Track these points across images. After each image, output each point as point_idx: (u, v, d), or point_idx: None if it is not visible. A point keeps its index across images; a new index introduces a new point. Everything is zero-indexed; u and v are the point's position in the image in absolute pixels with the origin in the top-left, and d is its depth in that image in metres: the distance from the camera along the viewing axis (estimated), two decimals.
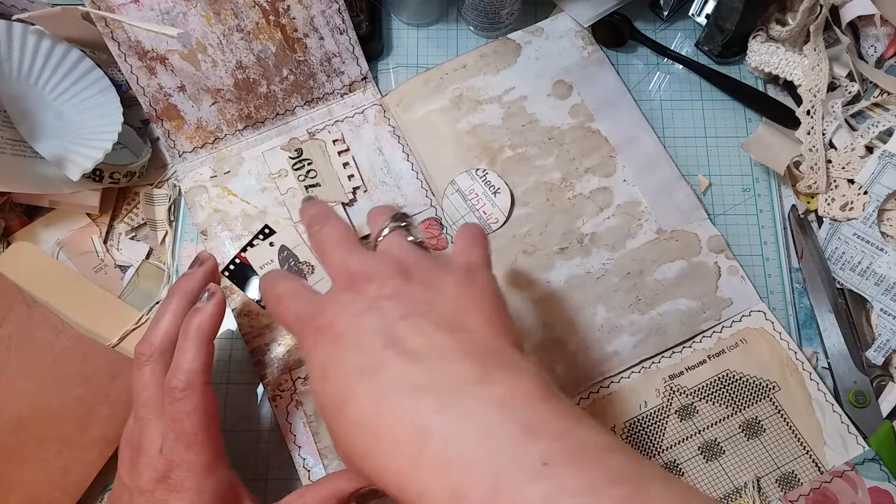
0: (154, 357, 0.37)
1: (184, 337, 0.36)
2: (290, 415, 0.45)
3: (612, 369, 0.46)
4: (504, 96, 0.52)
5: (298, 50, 0.51)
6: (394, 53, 0.55)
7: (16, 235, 0.49)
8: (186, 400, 0.34)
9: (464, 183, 0.49)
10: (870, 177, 0.47)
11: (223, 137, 0.51)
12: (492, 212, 0.49)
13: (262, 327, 0.47)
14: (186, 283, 0.39)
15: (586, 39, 0.54)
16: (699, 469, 0.44)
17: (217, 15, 0.48)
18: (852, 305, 0.47)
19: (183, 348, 0.36)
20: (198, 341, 0.36)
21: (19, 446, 0.42)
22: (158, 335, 0.37)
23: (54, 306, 0.46)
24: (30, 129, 0.46)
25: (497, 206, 0.49)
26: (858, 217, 0.47)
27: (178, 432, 0.34)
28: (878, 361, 0.46)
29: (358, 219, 0.49)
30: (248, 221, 0.49)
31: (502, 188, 0.49)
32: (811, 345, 0.47)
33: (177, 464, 0.34)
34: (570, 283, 0.48)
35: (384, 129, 0.52)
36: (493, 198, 0.48)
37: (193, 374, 0.35)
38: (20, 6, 0.49)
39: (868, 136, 0.49)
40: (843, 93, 0.50)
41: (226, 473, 0.36)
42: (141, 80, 0.49)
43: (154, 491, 0.34)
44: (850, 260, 0.47)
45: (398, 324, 0.29)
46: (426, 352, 0.28)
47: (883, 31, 0.51)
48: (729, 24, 0.50)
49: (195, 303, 0.38)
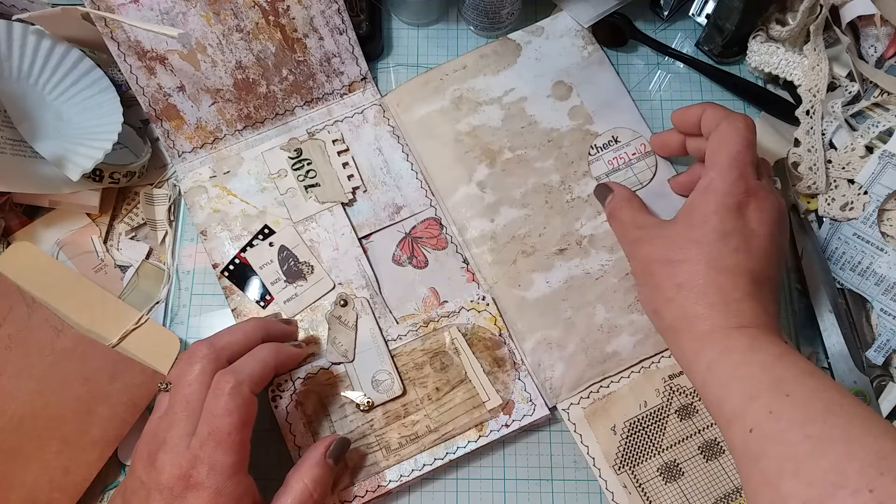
0: (210, 358, 0.38)
1: (260, 350, 0.40)
2: (289, 415, 0.45)
3: (612, 369, 0.46)
4: (504, 97, 0.52)
5: (298, 50, 0.51)
6: (394, 53, 0.55)
7: (16, 235, 0.49)
8: (232, 398, 0.36)
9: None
10: (870, 177, 0.47)
11: (223, 137, 0.51)
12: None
13: None
14: (273, 324, 0.43)
15: (587, 39, 0.54)
16: (699, 469, 0.44)
17: (217, 15, 0.48)
18: (852, 305, 0.47)
19: (254, 357, 0.39)
20: (270, 360, 0.39)
21: (19, 446, 0.42)
22: (223, 343, 0.39)
23: (54, 306, 0.46)
24: (30, 129, 0.47)
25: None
26: (858, 217, 0.47)
27: (213, 427, 0.35)
28: (878, 361, 0.46)
29: (357, 219, 0.49)
30: (247, 221, 0.49)
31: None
32: (811, 345, 0.47)
33: (202, 461, 0.35)
34: (570, 284, 0.48)
35: (384, 129, 0.52)
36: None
37: (248, 380, 0.37)
38: (20, 6, 0.49)
39: (868, 136, 0.49)
40: (843, 93, 0.50)
41: (245, 480, 0.37)
42: (140, 80, 0.49)
43: (173, 488, 0.35)
44: (850, 260, 0.47)
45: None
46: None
47: (883, 31, 0.50)
48: (729, 24, 0.50)
49: (268, 341, 0.42)
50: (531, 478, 0.45)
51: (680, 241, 0.40)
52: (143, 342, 0.46)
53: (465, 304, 0.47)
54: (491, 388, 0.45)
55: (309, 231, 0.49)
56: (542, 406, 0.45)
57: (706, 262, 0.39)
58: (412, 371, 0.46)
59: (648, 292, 0.42)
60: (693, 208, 0.41)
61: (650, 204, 0.47)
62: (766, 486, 0.32)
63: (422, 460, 0.44)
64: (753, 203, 0.40)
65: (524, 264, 0.48)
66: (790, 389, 0.33)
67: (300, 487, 0.38)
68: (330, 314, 0.47)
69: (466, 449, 0.44)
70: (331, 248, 0.49)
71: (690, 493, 0.43)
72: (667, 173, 0.50)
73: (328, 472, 0.40)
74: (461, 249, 0.49)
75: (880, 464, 0.29)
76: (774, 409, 0.33)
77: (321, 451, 0.40)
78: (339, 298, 0.47)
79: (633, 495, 0.43)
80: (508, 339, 0.47)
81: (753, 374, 0.35)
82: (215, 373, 0.37)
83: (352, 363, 0.46)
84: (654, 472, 0.44)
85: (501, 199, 0.50)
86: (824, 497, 0.29)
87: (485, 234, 0.49)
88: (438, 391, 0.45)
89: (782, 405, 0.33)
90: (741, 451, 0.34)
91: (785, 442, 0.32)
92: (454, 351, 0.46)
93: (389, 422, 0.45)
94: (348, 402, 0.45)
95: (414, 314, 0.47)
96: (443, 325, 0.47)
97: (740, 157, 0.40)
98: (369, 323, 0.47)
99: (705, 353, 0.37)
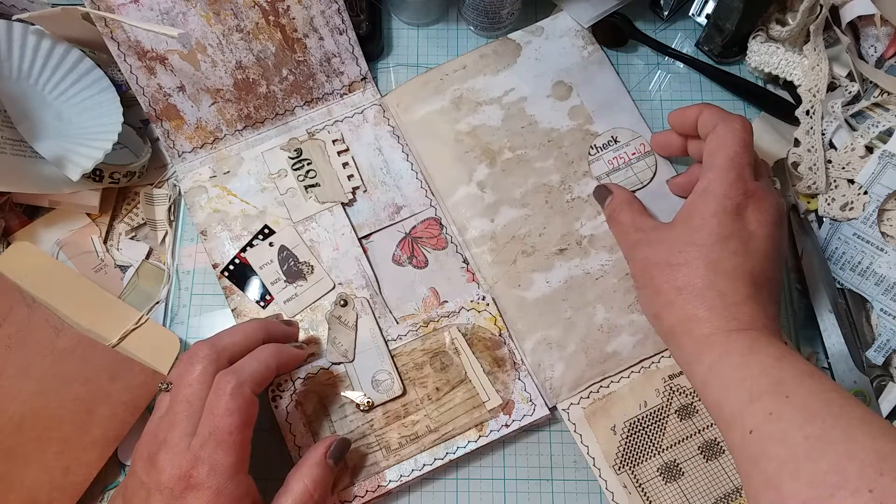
0: (211, 359, 0.38)
1: (262, 350, 0.40)
2: (290, 415, 0.45)
3: (612, 369, 0.46)
4: (504, 97, 0.52)
5: (298, 50, 0.51)
6: (394, 53, 0.55)
7: (16, 235, 0.49)
8: (233, 398, 0.36)
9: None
10: (870, 177, 0.47)
11: (223, 137, 0.51)
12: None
13: None
14: (274, 325, 0.43)
15: (586, 39, 0.54)
16: (699, 469, 0.44)
17: (217, 15, 0.48)
18: (852, 305, 0.47)
19: (256, 357, 0.39)
20: (271, 361, 0.39)
21: (19, 446, 0.42)
22: (224, 343, 0.39)
23: (54, 306, 0.46)
24: (30, 129, 0.47)
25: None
26: (858, 217, 0.47)
27: (214, 427, 0.35)
28: (878, 361, 0.46)
29: (357, 219, 0.49)
30: (247, 221, 0.49)
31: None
32: (811, 345, 0.47)
33: (203, 461, 0.35)
34: (570, 284, 0.48)
35: (384, 129, 0.52)
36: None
37: (250, 380, 0.37)
38: (20, 6, 0.49)
39: (868, 136, 0.49)
40: (843, 93, 0.50)
41: (245, 480, 0.37)
42: (140, 80, 0.49)
43: (174, 488, 0.35)
44: (850, 260, 0.47)
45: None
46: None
47: (883, 31, 0.50)
48: (729, 24, 0.50)
49: (270, 341, 0.42)
50: (531, 478, 0.45)
51: (679, 243, 0.40)
52: (143, 342, 0.47)
53: (465, 304, 0.47)
54: (491, 388, 0.45)
55: (309, 231, 0.49)
56: (542, 406, 0.45)
57: (705, 265, 0.39)
58: (412, 371, 0.46)
59: (648, 296, 0.42)
60: (691, 211, 0.41)
61: (650, 204, 0.47)
62: (767, 487, 0.32)
63: (422, 460, 0.44)
64: (752, 205, 0.40)
65: (524, 264, 0.48)
66: (790, 391, 0.34)
67: (300, 488, 0.38)
68: (330, 314, 0.47)
69: (466, 449, 0.44)
70: (331, 248, 0.49)
71: (690, 493, 0.43)
72: (667, 173, 0.50)
73: (328, 472, 0.40)
74: (461, 249, 0.49)
75: (880, 464, 0.29)
76: (774, 410, 0.33)
77: (321, 451, 0.40)
78: (339, 298, 0.47)
79: (633, 495, 0.43)
80: (508, 339, 0.47)
81: (753, 377, 0.35)
82: (216, 373, 0.37)
83: (352, 363, 0.46)
84: (654, 472, 0.44)
85: (501, 199, 0.50)
86: (824, 497, 0.29)
87: (485, 234, 0.49)
88: (438, 391, 0.45)
89: (782, 407, 0.33)
90: (741, 453, 0.34)
91: (785, 443, 0.32)
92: (454, 351, 0.46)
93: (389, 422, 0.45)
94: (348, 402, 0.45)
95: (414, 314, 0.47)
96: (443, 325, 0.47)
97: (738, 158, 0.40)
98: (369, 323, 0.47)
99: (705, 356, 0.37)
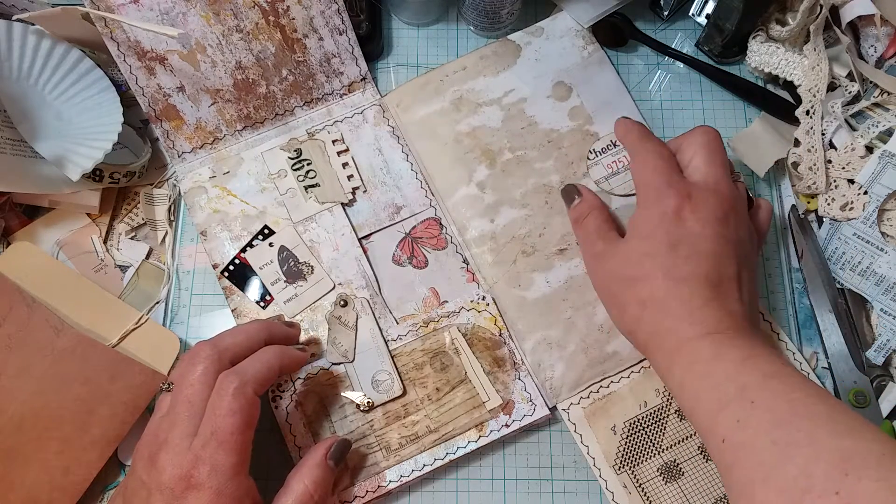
0: (212, 359, 0.38)
1: (265, 352, 0.40)
2: (290, 415, 0.45)
3: (612, 369, 0.46)
4: (504, 98, 0.52)
5: (298, 50, 0.51)
6: (394, 53, 0.55)
7: (16, 235, 0.49)
8: (236, 399, 0.36)
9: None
10: (870, 177, 0.47)
11: (222, 138, 0.51)
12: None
13: None
14: (276, 327, 0.43)
15: (587, 39, 0.54)
16: (699, 469, 0.44)
17: (216, 15, 0.48)
18: (852, 305, 0.47)
19: (259, 359, 0.39)
20: (274, 363, 0.39)
21: (19, 446, 0.42)
22: (226, 344, 0.39)
23: (54, 306, 0.46)
24: (30, 129, 0.47)
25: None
26: (858, 217, 0.47)
27: (215, 427, 0.35)
28: (878, 361, 0.46)
29: (357, 219, 0.49)
30: (247, 222, 0.49)
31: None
32: (811, 345, 0.47)
33: (203, 461, 0.35)
34: (570, 284, 0.48)
35: (383, 129, 0.52)
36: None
37: (252, 381, 0.37)
38: (20, 6, 0.49)
39: (868, 136, 0.49)
40: (843, 93, 0.50)
41: (245, 481, 0.37)
42: (140, 80, 0.49)
43: (174, 488, 0.35)
44: (850, 260, 0.47)
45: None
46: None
47: (883, 31, 0.50)
48: (729, 24, 0.50)
49: (271, 343, 0.41)
50: (531, 478, 0.45)
51: (635, 255, 0.41)
52: (143, 342, 0.47)
53: (465, 304, 0.47)
54: (491, 388, 0.45)
55: (309, 231, 0.49)
56: (542, 406, 0.45)
57: (663, 274, 0.39)
58: (412, 371, 0.46)
59: (617, 314, 0.42)
60: (638, 223, 0.41)
61: None
62: (741, 496, 0.32)
63: (422, 460, 0.44)
64: (688, 206, 0.40)
65: (524, 264, 0.48)
66: (754, 396, 0.34)
67: (301, 489, 0.38)
68: (330, 314, 0.47)
69: (466, 449, 0.44)
70: (331, 248, 0.49)
71: (690, 493, 0.43)
72: None
73: (329, 473, 0.40)
74: (461, 249, 0.49)
75: (844, 464, 0.29)
76: (741, 417, 0.33)
77: (322, 452, 0.40)
78: (339, 299, 0.47)
79: (633, 495, 0.43)
80: (508, 339, 0.47)
81: (719, 384, 0.35)
82: (218, 374, 0.37)
83: (352, 363, 0.46)
84: (654, 472, 0.44)
85: (501, 199, 0.50)
86: (794, 503, 0.30)
87: (485, 234, 0.49)
88: (438, 391, 0.45)
89: (748, 413, 0.33)
90: (719, 463, 0.35)
91: (753, 449, 0.32)
92: (454, 351, 0.46)
93: (389, 422, 0.45)
94: (348, 402, 0.45)
95: (414, 314, 0.47)
96: (443, 325, 0.47)
97: (660, 169, 0.41)
98: (369, 323, 0.47)
99: (675, 368, 0.38)
